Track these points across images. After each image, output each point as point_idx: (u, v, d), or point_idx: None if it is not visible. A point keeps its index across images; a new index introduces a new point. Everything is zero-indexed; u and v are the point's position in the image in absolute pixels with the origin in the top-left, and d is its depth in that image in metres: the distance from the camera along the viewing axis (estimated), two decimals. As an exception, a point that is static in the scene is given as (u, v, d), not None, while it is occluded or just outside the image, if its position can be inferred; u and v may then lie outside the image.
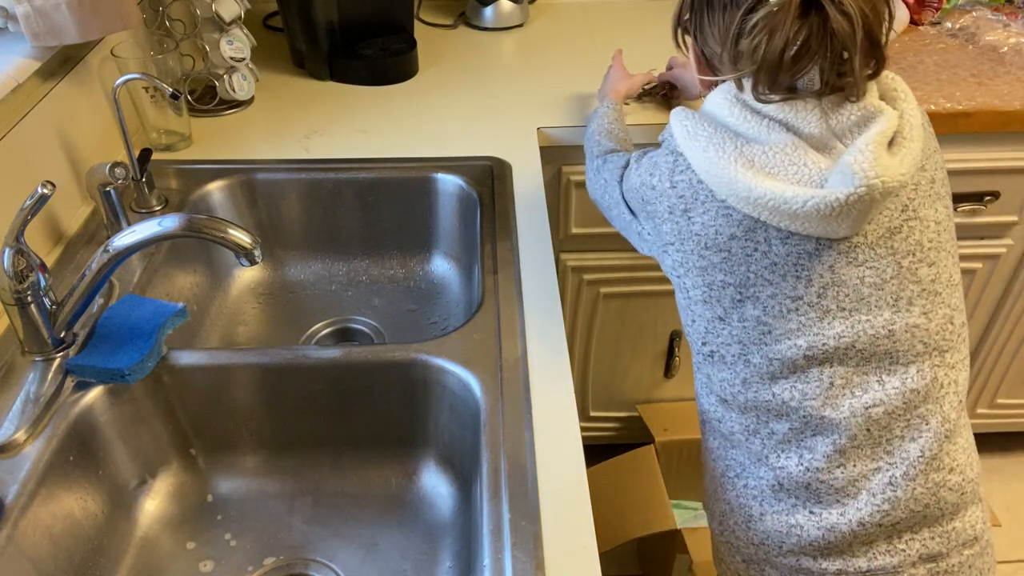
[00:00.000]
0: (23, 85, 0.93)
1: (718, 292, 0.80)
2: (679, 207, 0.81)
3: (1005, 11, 1.53)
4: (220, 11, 1.21)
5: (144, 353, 0.81)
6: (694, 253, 0.81)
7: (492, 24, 1.58)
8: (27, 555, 0.70)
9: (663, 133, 0.86)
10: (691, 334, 0.86)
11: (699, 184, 0.79)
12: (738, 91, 0.78)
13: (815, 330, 0.77)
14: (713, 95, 0.82)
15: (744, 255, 0.78)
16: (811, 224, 0.74)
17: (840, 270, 0.76)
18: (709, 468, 0.92)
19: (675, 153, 0.82)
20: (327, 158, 1.16)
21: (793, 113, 0.76)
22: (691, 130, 0.80)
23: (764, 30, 0.71)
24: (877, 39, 0.73)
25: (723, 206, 0.78)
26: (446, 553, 0.84)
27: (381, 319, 1.12)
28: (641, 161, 0.87)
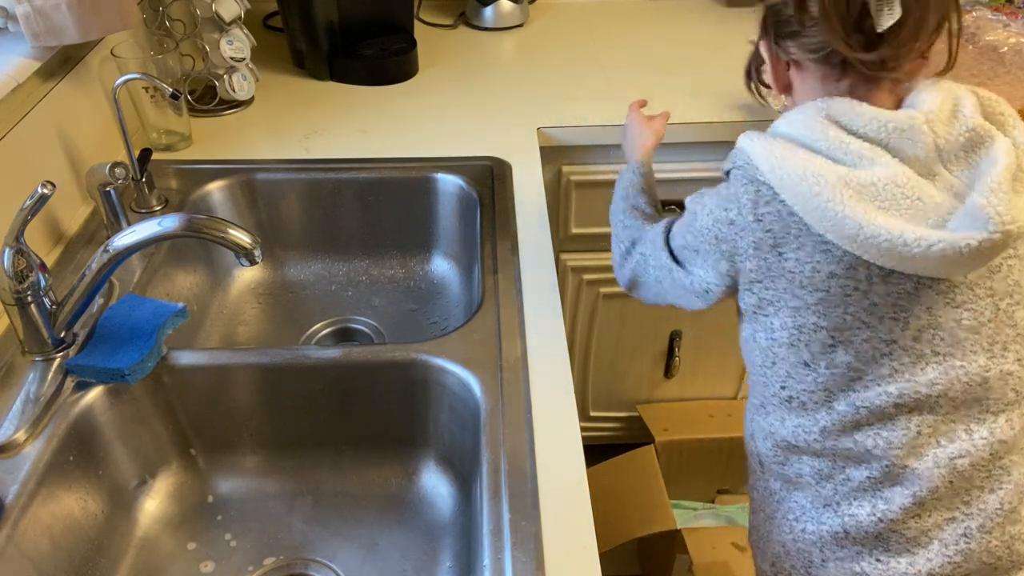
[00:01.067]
0: (23, 85, 0.93)
1: (808, 336, 0.74)
2: (767, 242, 0.73)
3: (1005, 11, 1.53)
4: (220, 11, 1.21)
5: (144, 353, 0.81)
6: (787, 292, 0.73)
7: (492, 24, 1.58)
8: (27, 555, 0.70)
9: (730, 162, 0.77)
10: (766, 376, 0.79)
11: (791, 217, 0.71)
12: (829, 109, 0.71)
13: (907, 376, 0.72)
14: (794, 115, 0.73)
15: (842, 295, 0.71)
16: (926, 266, 0.67)
17: (938, 312, 0.71)
18: (763, 508, 0.86)
19: (756, 182, 0.73)
20: (327, 158, 1.16)
21: (897, 133, 0.69)
22: (780, 156, 0.71)
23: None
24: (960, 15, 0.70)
25: (821, 241, 0.70)
26: (446, 553, 0.84)
27: (381, 319, 1.12)
28: (704, 200, 0.79)
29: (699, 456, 1.54)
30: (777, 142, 0.72)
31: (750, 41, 0.87)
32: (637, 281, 0.92)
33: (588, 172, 1.30)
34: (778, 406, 0.79)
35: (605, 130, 1.25)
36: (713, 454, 1.54)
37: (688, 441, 1.51)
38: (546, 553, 0.65)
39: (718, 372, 1.61)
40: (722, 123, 1.25)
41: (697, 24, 1.60)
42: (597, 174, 1.30)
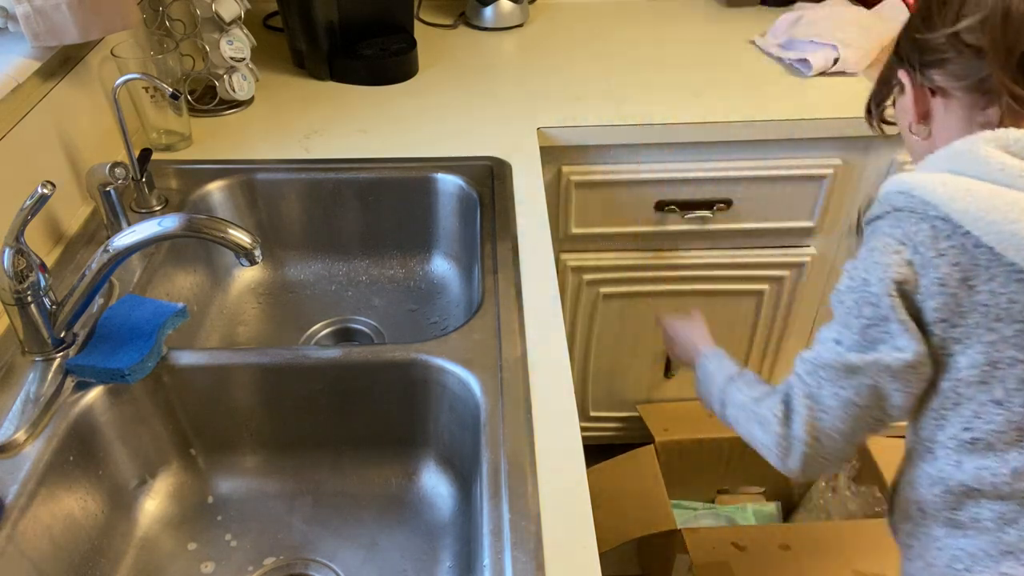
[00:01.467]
0: (23, 85, 0.93)
1: (1003, 371, 0.70)
2: (954, 276, 0.69)
3: (1005, 11, 1.53)
4: (220, 11, 1.21)
5: (144, 353, 0.81)
6: (979, 327, 0.70)
7: (492, 24, 1.58)
8: (27, 555, 0.70)
9: (881, 208, 0.75)
10: (944, 419, 0.75)
11: (977, 249, 0.68)
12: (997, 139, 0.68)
13: None
14: (954, 150, 0.71)
15: None
16: None
17: None
18: (922, 555, 0.80)
19: (929, 219, 0.70)
20: (327, 158, 1.16)
21: None
22: (958, 188, 0.68)
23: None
24: None
25: (1015, 271, 0.67)
26: (446, 553, 0.84)
27: (381, 319, 1.12)
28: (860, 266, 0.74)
29: (699, 456, 1.54)
30: (943, 176, 0.70)
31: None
32: (818, 436, 0.78)
33: (588, 172, 1.30)
34: (955, 449, 0.74)
35: (605, 130, 1.25)
36: (713, 454, 1.54)
37: (688, 441, 1.51)
38: (546, 553, 0.65)
39: (718, 372, 1.61)
40: (722, 123, 1.25)
41: (697, 24, 1.60)
42: (597, 174, 1.30)
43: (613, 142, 1.27)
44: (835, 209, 1.38)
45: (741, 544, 1.28)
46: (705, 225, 1.37)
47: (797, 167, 1.31)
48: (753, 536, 1.29)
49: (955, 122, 0.73)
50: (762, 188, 1.33)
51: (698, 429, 1.53)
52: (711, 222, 1.37)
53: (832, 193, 1.34)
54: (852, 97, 1.31)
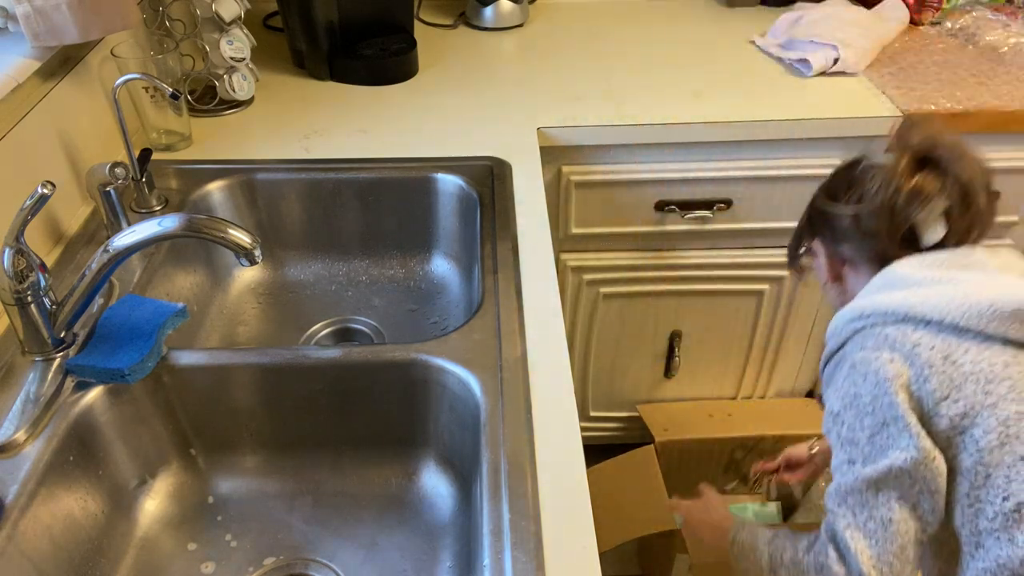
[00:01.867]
0: (23, 85, 0.93)
1: (1016, 427, 0.74)
2: (938, 355, 0.76)
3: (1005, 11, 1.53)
4: (220, 11, 1.21)
5: (144, 353, 0.81)
6: (978, 393, 0.75)
7: (492, 24, 1.58)
8: (27, 555, 0.70)
9: (837, 340, 0.85)
10: (981, 498, 0.75)
11: (942, 331, 0.77)
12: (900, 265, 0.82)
13: None
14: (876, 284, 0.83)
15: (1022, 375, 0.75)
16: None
17: None
18: None
19: (891, 324, 0.79)
20: (327, 158, 1.16)
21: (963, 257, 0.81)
22: (898, 295, 0.80)
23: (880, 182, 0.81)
24: (994, 196, 0.82)
25: (981, 336, 0.76)
26: (446, 553, 0.84)
27: (381, 319, 1.12)
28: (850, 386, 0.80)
29: (699, 456, 1.54)
30: (880, 295, 0.81)
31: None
32: (878, 565, 0.79)
33: (588, 172, 1.30)
34: (1003, 527, 0.74)
35: (605, 130, 1.25)
36: (713, 454, 1.54)
37: (688, 441, 1.51)
38: (546, 553, 0.65)
39: (718, 372, 1.61)
40: (722, 123, 1.25)
41: (697, 24, 1.60)
42: (597, 174, 1.30)
43: (613, 142, 1.27)
44: (835, 209, 1.38)
45: (741, 544, 1.28)
46: (705, 225, 1.37)
47: (797, 167, 1.31)
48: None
49: (864, 280, 0.86)
50: (762, 188, 1.33)
51: (698, 429, 1.53)
52: (711, 222, 1.37)
53: (832, 193, 1.34)
54: (852, 97, 1.31)
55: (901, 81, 1.34)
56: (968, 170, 0.81)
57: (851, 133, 1.27)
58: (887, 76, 1.36)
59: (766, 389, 1.64)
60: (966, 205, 0.81)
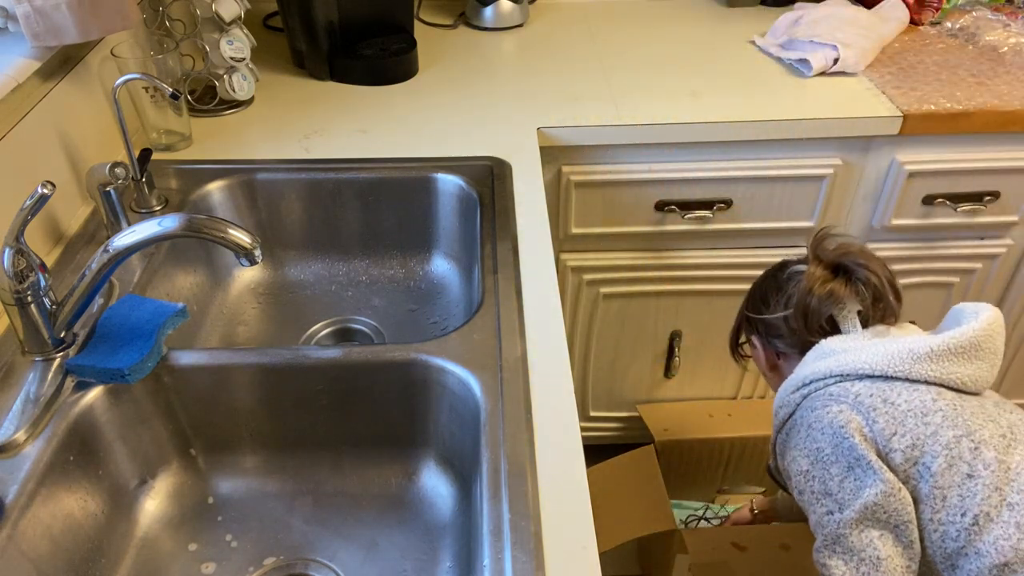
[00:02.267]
0: (23, 85, 0.93)
1: (956, 449, 0.83)
2: (876, 400, 0.87)
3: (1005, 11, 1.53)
4: (220, 11, 1.21)
5: (144, 353, 0.81)
6: (919, 425, 0.84)
7: (492, 24, 1.58)
8: (27, 555, 0.70)
9: (785, 410, 0.95)
10: (945, 522, 0.83)
11: (874, 381, 0.88)
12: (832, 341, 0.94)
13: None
14: (806, 360, 0.95)
15: (952, 408, 0.85)
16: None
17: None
18: None
19: (830, 383, 0.90)
20: (327, 158, 1.16)
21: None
22: (829, 362, 0.91)
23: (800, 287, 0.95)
24: (898, 290, 0.95)
25: (905, 379, 0.88)
26: (446, 553, 0.84)
27: (381, 319, 1.12)
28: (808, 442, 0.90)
29: (699, 456, 1.54)
30: (812, 365, 0.93)
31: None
32: None
33: (588, 172, 1.30)
34: (968, 542, 0.81)
35: (605, 130, 1.25)
36: (713, 454, 1.54)
37: (688, 441, 1.51)
38: (546, 553, 0.65)
39: (718, 372, 1.61)
40: (722, 123, 1.25)
41: (697, 24, 1.60)
42: (597, 174, 1.30)
43: (613, 142, 1.27)
44: (835, 209, 1.38)
45: (741, 544, 1.28)
46: (705, 225, 1.37)
47: (797, 167, 1.31)
48: (753, 536, 1.29)
49: (795, 367, 0.97)
50: (762, 188, 1.33)
51: (698, 429, 1.53)
52: (711, 222, 1.37)
53: (832, 193, 1.34)
54: (852, 97, 1.31)
55: (901, 81, 1.34)
56: (874, 274, 0.93)
57: (851, 133, 1.27)
58: (887, 76, 1.36)
59: (766, 389, 1.64)
60: (877, 302, 0.94)
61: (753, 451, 1.54)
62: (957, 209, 1.35)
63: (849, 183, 1.35)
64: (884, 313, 0.95)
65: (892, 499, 0.83)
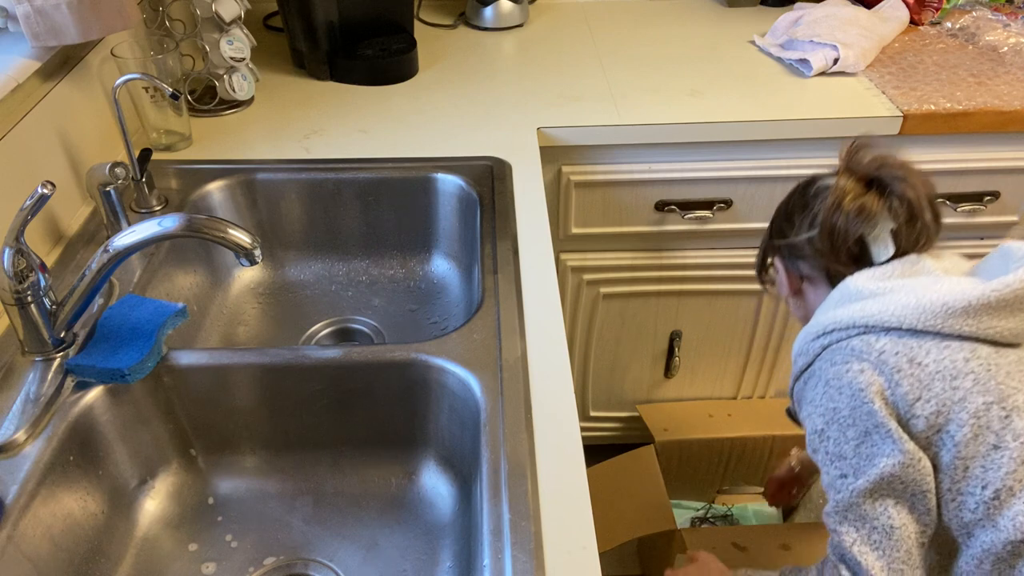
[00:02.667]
0: (23, 85, 0.93)
1: (985, 418, 0.77)
2: (902, 361, 0.80)
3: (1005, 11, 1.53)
4: (220, 11, 1.21)
5: (144, 353, 0.81)
6: (946, 390, 0.78)
7: (492, 24, 1.58)
8: (27, 555, 0.70)
9: (805, 358, 0.88)
10: (963, 490, 0.79)
11: (902, 336, 0.81)
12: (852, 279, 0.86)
13: None
14: (832, 299, 0.87)
15: (985, 370, 0.78)
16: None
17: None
18: None
19: (854, 336, 0.83)
20: (327, 158, 1.16)
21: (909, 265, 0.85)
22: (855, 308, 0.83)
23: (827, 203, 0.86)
24: (937, 211, 0.86)
25: (938, 335, 0.80)
26: (446, 553, 0.84)
27: (381, 319, 1.12)
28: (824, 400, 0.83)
29: (699, 456, 1.54)
30: (838, 310, 0.85)
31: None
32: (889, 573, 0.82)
33: (588, 172, 1.30)
34: (986, 515, 0.78)
35: (605, 130, 1.25)
36: (713, 454, 1.54)
37: (688, 441, 1.51)
38: (546, 553, 0.65)
39: (718, 372, 1.61)
40: (722, 123, 1.25)
41: (697, 24, 1.60)
42: (597, 174, 1.30)
43: (613, 142, 1.27)
44: (835, 209, 1.38)
45: (741, 544, 1.28)
46: (705, 225, 1.37)
47: (797, 167, 1.31)
48: (753, 536, 1.29)
49: (822, 294, 0.91)
50: (762, 188, 1.33)
51: (698, 429, 1.53)
52: (711, 222, 1.37)
53: (832, 193, 1.34)
54: (852, 97, 1.31)
55: (901, 81, 1.34)
56: (912, 189, 0.85)
57: (851, 133, 1.27)
58: (887, 76, 1.36)
59: (766, 389, 1.64)
60: (912, 222, 0.85)
61: (753, 451, 1.54)
62: (957, 209, 1.35)
63: (849, 183, 1.35)
64: (919, 236, 0.86)
65: (911, 470, 0.78)
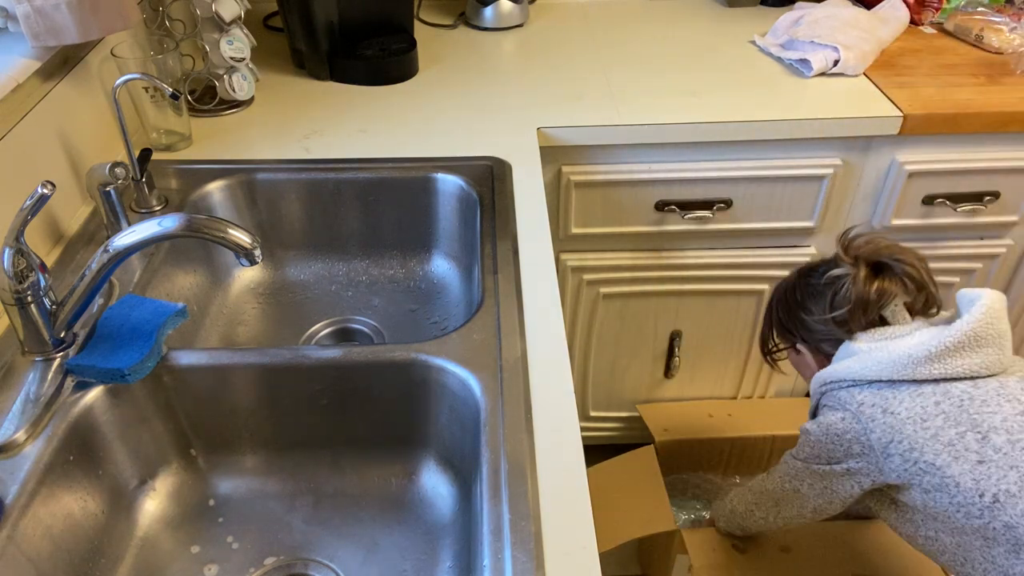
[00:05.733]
0: (23, 85, 0.93)
1: (960, 443, 0.88)
2: (877, 411, 0.94)
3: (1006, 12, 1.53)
4: (220, 11, 1.21)
5: (144, 353, 0.81)
6: (918, 431, 0.91)
7: (492, 24, 1.58)
8: (27, 555, 0.70)
9: (813, 399, 1.06)
10: (963, 502, 0.88)
11: (879, 388, 0.95)
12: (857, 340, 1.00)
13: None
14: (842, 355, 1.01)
15: (957, 406, 0.90)
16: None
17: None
18: None
19: (841, 388, 0.99)
20: (327, 158, 1.16)
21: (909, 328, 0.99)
22: (845, 365, 0.98)
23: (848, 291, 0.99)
24: (933, 279, 1.00)
25: (909, 383, 0.93)
26: (446, 553, 0.84)
27: (381, 319, 1.12)
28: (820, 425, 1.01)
29: (699, 456, 1.54)
30: (835, 365, 1.01)
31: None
32: None
33: (588, 172, 1.30)
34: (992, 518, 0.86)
35: (605, 130, 1.25)
36: (713, 454, 1.54)
37: (688, 441, 1.51)
38: (546, 553, 0.65)
39: (718, 372, 1.61)
40: (722, 123, 1.25)
41: (697, 24, 1.60)
42: (597, 174, 1.30)
43: (613, 142, 1.27)
44: (835, 209, 1.38)
45: (741, 545, 1.28)
46: (705, 225, 1.37)
47: (797, 167, 1.31)
48: (753, 537, 1.29)
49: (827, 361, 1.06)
50: (762, 188, 1.33)
51: (698, 429, 1.53)
52: (711, 222, 1.37)
53: (832, 193, 1.34)
54: (852, 97, 1.31)
55: (901, 81, 1.34)
56: (912, 266, 0.99)
57: (851, 133, 1.27)
58: (887, 76, 1.36)
59: (766, 389, 1.64)
60: (921, 292, 1.00)
61: (753, 451, 1.54)
62: (957, 209, 1.35)
63: (849, 183, 1.35)
64: (927, 303, 1.01)
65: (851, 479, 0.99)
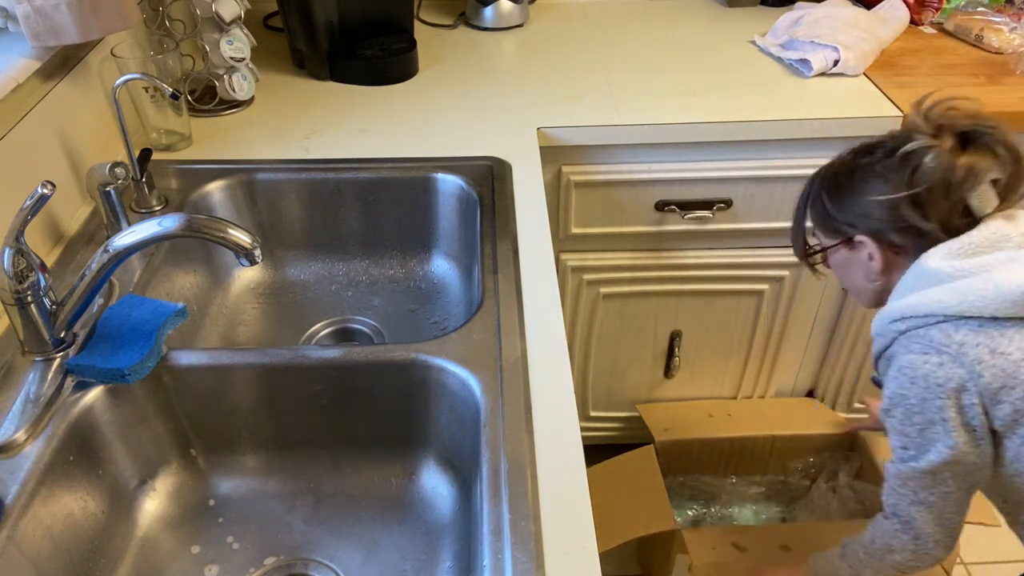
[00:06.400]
0: (23, 85, 0.93)
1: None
2: (983, 352, 0.80)
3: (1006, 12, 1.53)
4: (220, 11, 1.21)
5: (144, 353, 0.81)
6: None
7: (492, 24, 1.58)
8: (27, 555, 0.70)
9: (883, 340, 0.88)
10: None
11: (981, 326, 0.80)
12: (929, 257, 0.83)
13: None
14: (913, 277, 0.85)
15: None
16: None
17: None
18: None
19: (934, 325, 0.82)
20: (327, 158, 1.16)
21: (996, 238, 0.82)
22: (934, 294, 0.82)
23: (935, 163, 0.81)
24: None
25: (1017, 321, 0.79)
26: (446, 553, 0.84)
27: (381, 319, 1.12)
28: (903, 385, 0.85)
29: (699, 456, 1.54)
30: (916, 295, 0.84)
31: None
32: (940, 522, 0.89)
33: (588, 172, 1.30)
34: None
35: (605, 130, 1.25)
36: (713, 454, 1.54)
37: (688, 441, 1.51)
38: (546, 553, 0.65)
39: (718, 372, 1.61)
40: (722, 123, 1.25)
41: (697, 24, 1.60)
42: (597, 174, 1.30)
43: (613, 142, 1.27)
44: (835, 209, 1.38)
45: (741, 544, 1.28)
46: (705, 225, 1.37)
47: (797, 167, 1.31)
48: (753, 536, 1.29)
49: (906, 266, 0.87)
50: (762, 188, 1.33)
51: (698, 429, 1.53)
52: (711, 222, 1.37)
53: (832, 193, 1.34)
54: (852, 97, 1.31)
55: (901, 81, 1.34)
56: (1010, 139, 0.83)
57: (851, 133, 1.27)
58: (887, 76, 1.36)
59: (766, 389, 1.64)
60: (1018, 172, 0.83)
61: (753, 451, 1.54)
62: (957, 209, 1.35)
63: (849, 183, 1.35)
64: (1012, 182, 0.84)
65: (968, 456, 0.83)
